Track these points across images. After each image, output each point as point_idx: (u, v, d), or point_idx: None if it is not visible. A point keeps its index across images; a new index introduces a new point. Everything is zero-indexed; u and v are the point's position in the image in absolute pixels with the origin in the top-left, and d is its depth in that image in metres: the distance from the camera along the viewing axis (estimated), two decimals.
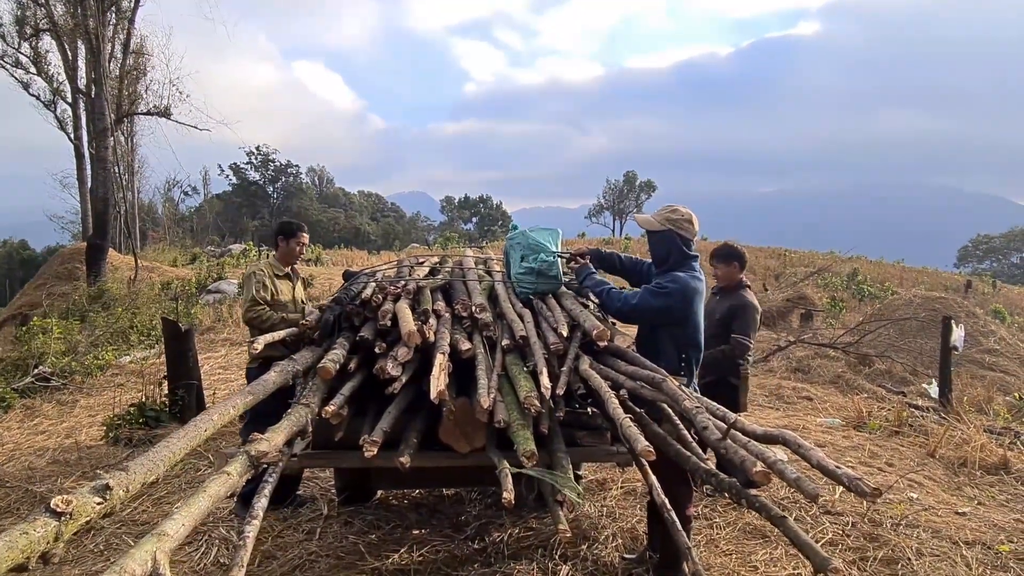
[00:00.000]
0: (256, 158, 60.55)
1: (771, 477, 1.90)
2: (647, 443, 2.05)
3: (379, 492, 4.38)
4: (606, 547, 3.68)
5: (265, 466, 2.07)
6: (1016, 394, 8.33)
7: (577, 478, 4.13)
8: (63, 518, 1.31)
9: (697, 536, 3.87)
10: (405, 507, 4.29)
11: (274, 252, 4.55)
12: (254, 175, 61.23)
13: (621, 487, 4.59)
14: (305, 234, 4.43)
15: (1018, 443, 6.13)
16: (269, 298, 4.20)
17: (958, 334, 7.84)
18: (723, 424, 2.13)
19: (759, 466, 1.90)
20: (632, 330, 3.70)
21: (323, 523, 3.98)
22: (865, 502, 4.42)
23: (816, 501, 1.88)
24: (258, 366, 4.25)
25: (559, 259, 3.59)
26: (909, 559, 3.67)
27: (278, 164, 61.74)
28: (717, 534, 3.94)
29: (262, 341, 2.87)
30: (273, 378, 2.61)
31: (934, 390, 8.07)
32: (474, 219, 72.11)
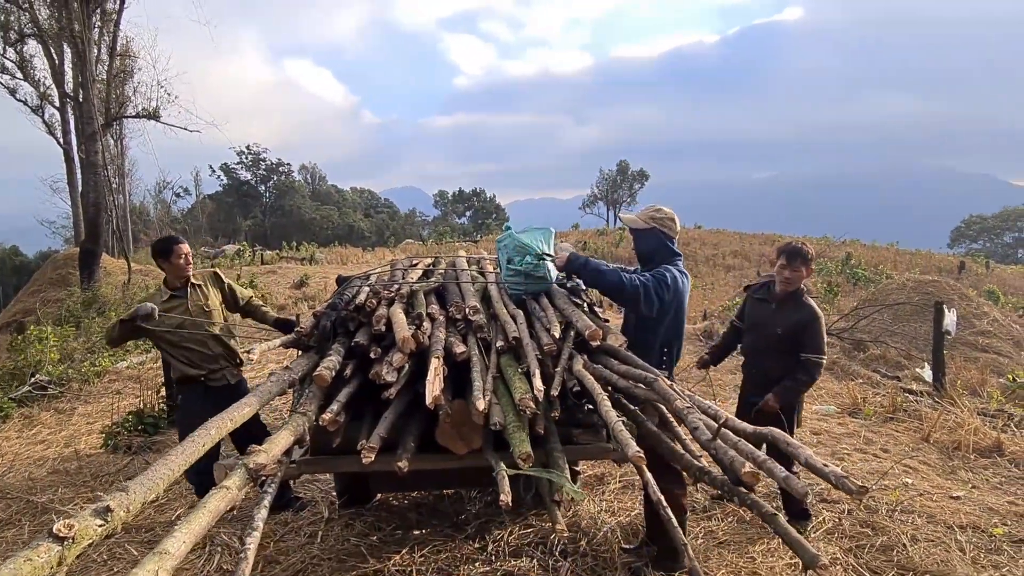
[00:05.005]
0: (246, 157, 60.39)
1: (759, 477, 1.93)
2: (637, 449, 2.08)
3: (379, 494, 4.42)
4: (605, 541, 3.72)
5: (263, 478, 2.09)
6: (1009, 375, 8.40)
7: (575, 474, 4.18)
8: (66, 543, 1.33)
9: (695, 528, 3.92)
10: (405, 507, 4.33)
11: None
12: (245, 175, 61.10)
13: (619, 482, 4.63)
14: (181, 245, 4.19)
15: (1011, 425, 6.20)
16: (148, 326, 4.01)
17: (950, 318, 7.89)
18: (714, 424, 2.17)
19: (747, 466, 1.93)
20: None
21: (324, 526, 4.01)
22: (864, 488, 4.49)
23: (805, 499, 1.92)
24: (177, 381, 4.28)
25: (546, 260, 3.60)
26: (904, 545, 3.72)
27: (269, 163, 61.59)
28: (716, 525, 3.99)
29: (259, 350, 2.89)
30: (270, 387, 2.63)
31: (928, 374, 8.13)
32: (468, 213, 72.02)
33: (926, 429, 6.01)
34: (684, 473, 2.97)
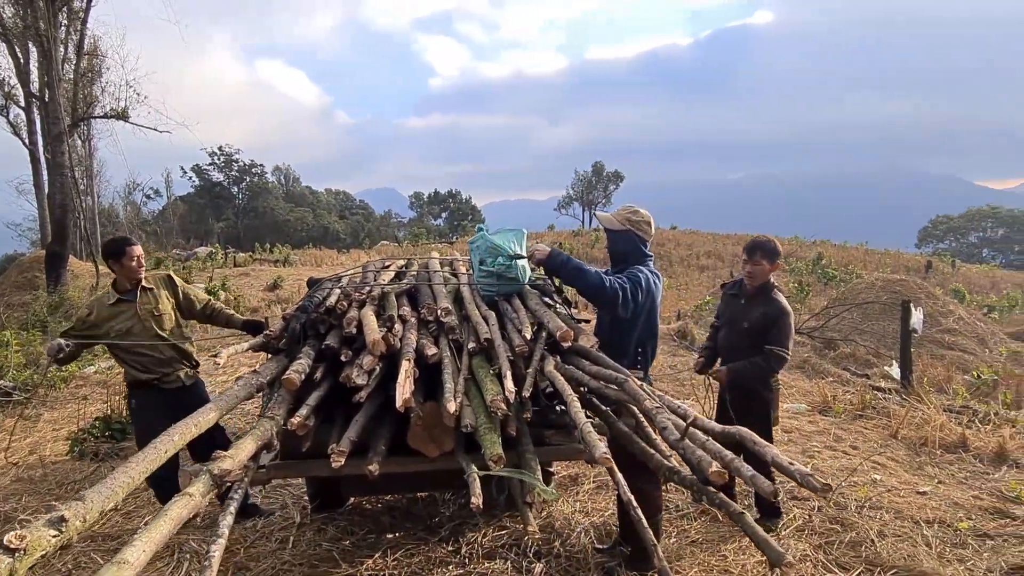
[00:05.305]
0: (219, 159, 59.64)
1: (726, 477, 1.95)
2: (605, 450, 2.08)
3: (352, 498, 4.38)
4: (579, 542, 3.73)
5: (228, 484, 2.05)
6: (974, 372, 8.58)
7: (548, 475, 4.18)
8: (17, 554, 1.29)
9: (669, 527, 3.94)
10: (379, 511, 4.30)
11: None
12: (218, 176, 60.31)
13: (593, 482, 4.64)
14: (134, 247, 4.06)
15: (976, 421, 6.33)
16: (94, 332, 3.94)
17: (917, 317, 8.04)
18: (682, 423, 2.18)
19: (714, 466, 1.94)
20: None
21: (296, 531, 3.96)
22: (828, 487, 4.57)
23: (773, 497, 1.95)
24: (130, 385, 4.13)
25: (518, 261, 3.59)
26: (872, 541, 3.78)
27: (242, 164, 60.87)
28: (690, 525, 4.02)
29: (225, 354, 2.84)
30: (236, 392, 2.59)
31: (896, 372, 8.27)
32: (444, 214, 71.87)
33: (894, 426, 6.12)
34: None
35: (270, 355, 3.34)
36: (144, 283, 4.10)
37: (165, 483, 3.58)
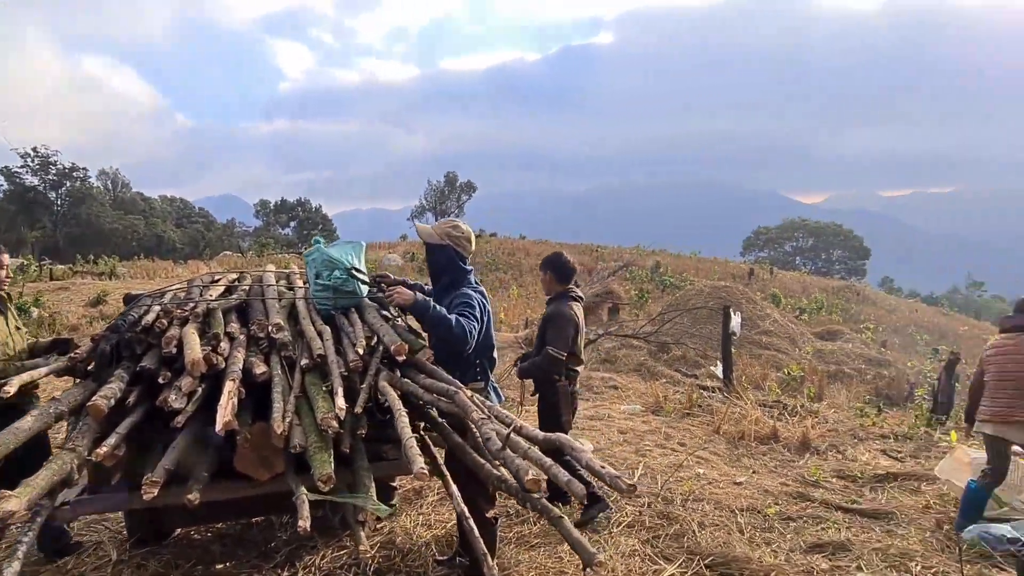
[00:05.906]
0: (32, 161, 53.54)
1: (541, 484, 2.04)
2: (422, 466, 2.11)
3: (177, 529, 4.08)
4: (420, 556, 3.71)
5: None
6: (785, 370, 9.53)
7: (391, 489, 4.14)
8: None
9: (508, 533, 4.02)
10: (208, 540, 4.03)
11: None
12: (32, 180, 54.06)
13: (437, 494, 4.64)
14: (4, 254, 3.79)
15: (785, 414, 7.04)
16: None
17: (736, 321, 8.82)
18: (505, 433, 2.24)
19: (530, 474, 2.03)
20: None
21: (112, 569, 3.63)
22: (659, 483, 4.90)
23: (581, 500, 2.06)
24: None
25: (356, 275, 3.54)
26: (694, 531, 4.08)
27: (61, 167, 55.02)
28: (528, 530, 4.12)
29: (17, 382, 2.56)
30: (29, 424, 2.34)
31: (720, 371, 9.01)
32: (292, 224, 69.00)
33: (717, 422, 6.66)
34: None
35: (77, 379, 3.06)
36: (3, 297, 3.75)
37: None
